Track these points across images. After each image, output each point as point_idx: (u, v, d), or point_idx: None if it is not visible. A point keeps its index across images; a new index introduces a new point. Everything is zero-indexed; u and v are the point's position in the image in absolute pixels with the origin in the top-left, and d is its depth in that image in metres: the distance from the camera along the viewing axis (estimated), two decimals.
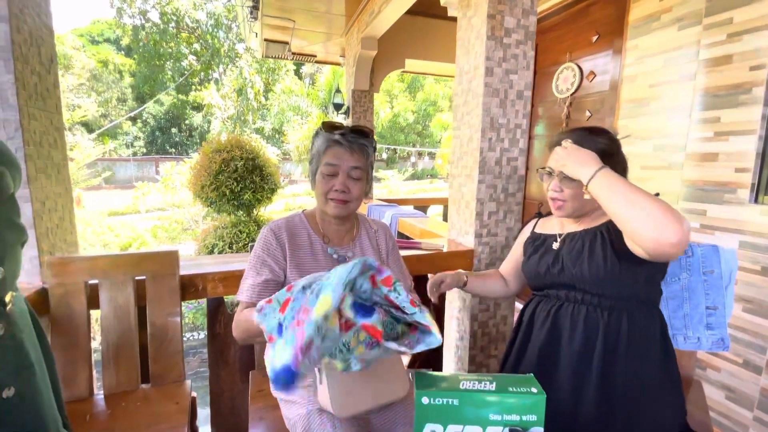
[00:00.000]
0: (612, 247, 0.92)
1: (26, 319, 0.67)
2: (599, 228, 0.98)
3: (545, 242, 1.10)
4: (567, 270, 0.98)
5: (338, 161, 0.98)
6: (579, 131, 1.02)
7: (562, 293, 1.01)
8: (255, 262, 1.01)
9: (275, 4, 3.44)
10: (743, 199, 1.69)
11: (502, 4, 1.52)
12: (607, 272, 0.91)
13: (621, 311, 0.92)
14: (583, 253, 0.96)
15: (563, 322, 0.97)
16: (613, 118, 2.26)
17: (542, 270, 1.04)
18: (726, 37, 1.73)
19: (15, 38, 1.12)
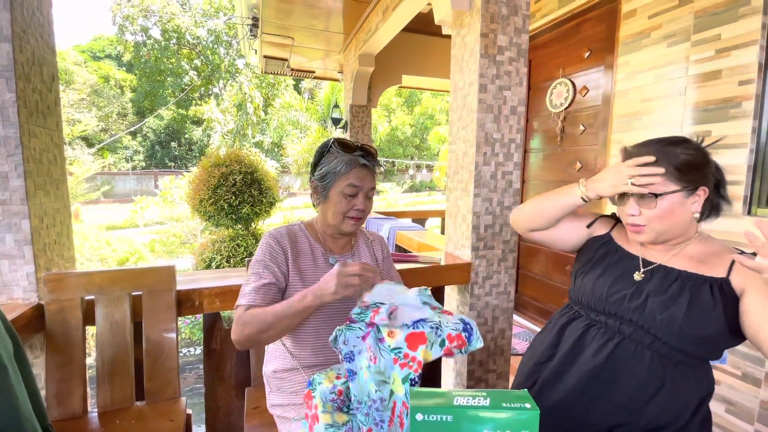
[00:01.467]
0: (724, 314, 0.79)
1: None
2: (709, 280, 0.82)
3: (622, 261, 0.93)
4: (650, 312, 0.82)
5: (361, 183, 1.00)
6: (652, 143, 0.87)
7: (626, 329, 0.86)
8: (257, 267, 1.00)
9: (274, 22, 3.51)
10: (737, 211, 1.71)
11: (494, 23, 1.56)
12: (703, 337, 0.79)
13: (688, 366, 0.83)
14: (680, 302, 0.81)
15: (623, 361, 0.84)
16: (606, 132, 2.30)
17: (613, 297, 0.88)
18: (714, 52, 1.77)
19: (17, 58, 1.15)
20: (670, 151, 0.83)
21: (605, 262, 0.95)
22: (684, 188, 0.82)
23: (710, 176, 0.85)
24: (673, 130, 1.93)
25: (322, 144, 1.04)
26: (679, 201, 0.83)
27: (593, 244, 1.02)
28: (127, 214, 10.11)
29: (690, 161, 0.82)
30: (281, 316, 0.88)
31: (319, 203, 1.05)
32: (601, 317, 0.91)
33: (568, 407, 0.88)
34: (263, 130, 19.22)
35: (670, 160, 0.82)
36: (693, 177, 0.82)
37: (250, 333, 0.90)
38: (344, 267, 0.84)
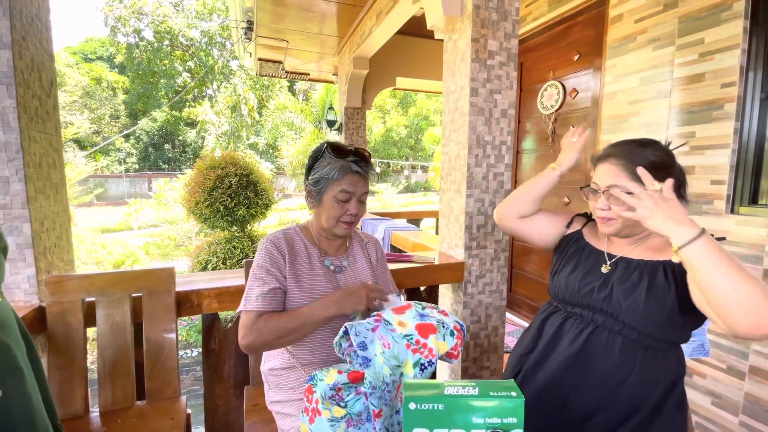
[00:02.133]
0: (676, 293, 0.84)
1: (12, 325, 0.69)
2: (663, 264, 0.89)
3: (590, 257, 1.01)
4: (616, 301, 0.90)
5: (354, 189, 1.02)
6: (624, 144, 0.94)
7: (598, 318, 0.93)
8: (259, 272, 1.01)
9: (269, 25, 3.54)
10: (720, 209, 1.76)
11: (485, 28, 1.60)
12: (664, 318, 0.85)
13: (658, 350, 0.88)
14: (640, 288, 0.88)
15: (596, 348, 0.91)
16: (596, 133, 2.35)
17: (584, 290, 0.96)
18: (698, 56, 1.83)
19: (17, 64, 1.17)
20: (640, 152, 0.90)
21: (576, 259, 1.03)
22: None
23: (673, 177, 0.89)
24: (659, 131, 1.99)
25: (316, 148, 1.06)
26: None
27: (566, 241, 1.10)
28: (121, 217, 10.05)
29: (657, 162, 0.88)
30: (301, 325, 0.93)
31: (312, 207, 1.08)
32: (577, 309, 0.98)
33: (548, 395, 0.94)
34: (258, 131, 19.18)
35: (639, 160, 0.88)
36: (659, 177, 0.87)
37: (267, 339, 0.93)
38: (368, 285, 0.92)
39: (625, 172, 0.90)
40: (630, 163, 0.89)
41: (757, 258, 1.64)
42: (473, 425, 0.61)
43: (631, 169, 0.88)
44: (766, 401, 1.61)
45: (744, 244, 1.68)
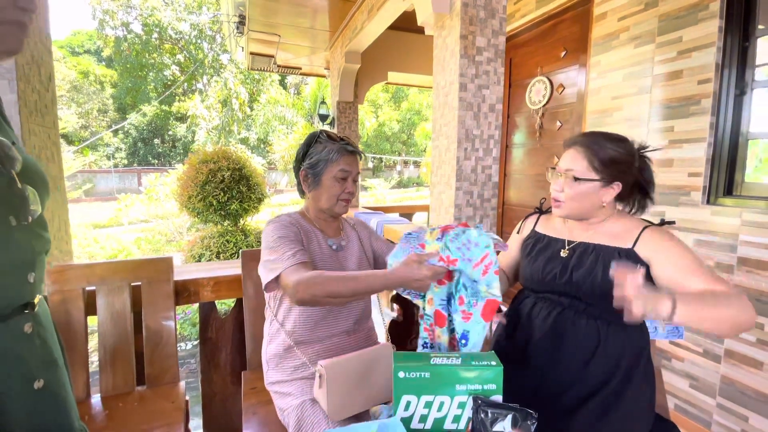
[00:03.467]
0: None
1: (49, 319, 0.74)
2: (617, 250, 0.96)
3: (550, 246, 1.08)
4: (576, 283, 0.97)
5: (350, 168, 1.11)
6: (592, 134, 1.01)
7: (564, 300, 1.01)
8: (281, 241, 1.02)
9: (261, 20, 3.54)
10: (696, 201, 1.85)
11: (473, 25, 1.66)
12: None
13: (620, 326, 0.95)
14: (596, 270, 0.95)
15: (564, 328, 0.98)
16: (581, 127, 2.43)
17: (547, 277, 1.03)
18: (676, 54, 1.91)
19: (18, 60, 1.20)
20: (602, 144, 0.97)
21: (536, 249, 1.11)
22: (601, 179, 0.97)
23: (628, 175, 0.97)
24: (641, 125, 2.07)
25: (310, 135, 1.13)
26: (593, 189, 0.97)
27: (524, 242, 1.18)
28: (111, 213, 9.96)
29: (614, 157, 0.95)
30: (359, 290, 0.92)
31: (310, 190, 1.14)
32: (544, 294, 1.06)
33: (525, 376, 1.00)
34: (249, 126, 19.04)
35: (598, 152, 0.96)
36: (612, 172, 0.96)
37: (317, 293, 0.91)
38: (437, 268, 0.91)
39: (584, 159, 0.97)
40: (589, 151, 0.97)
41: (732, 247, 1.73)
42: (456, 392, 0.67)
43: (590, 157, 0.96)
44: (741, 383, 1.71)
45: (719, 233, 1.77)
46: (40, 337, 0.67)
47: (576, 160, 0.98)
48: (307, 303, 0.94)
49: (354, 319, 1.15)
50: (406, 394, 0.67)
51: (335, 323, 1.12)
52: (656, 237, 0.94)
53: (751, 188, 1.77)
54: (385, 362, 0.98)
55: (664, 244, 0.92)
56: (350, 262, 1.17)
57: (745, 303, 0.79)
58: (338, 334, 1.11)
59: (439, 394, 0.67)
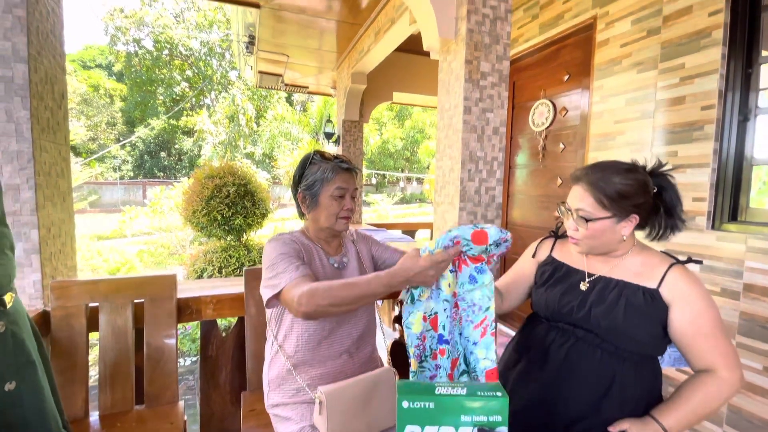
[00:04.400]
0: (655, 316, 0.91)
1: (25, 321, 0.73)
2: (642, 289, 0.93)
3: (569, 276, 1.04)
4: (595, 319, 0.94)
5: (347, 185, 1.12)
6: (598, 169, 0.96)
7: (578, 332, 0.98)
8: (284, 257, 1.02)
9: (270, 40, 3.63)
10: (701, 226, 1.84)
11: (478, 51, 1.69)
12: (642, 337, 0.90)
13: (634, 363, 0.93)
14: (618, 308, 0.92)
15: (578, 360, 0.95)
16: (584, 150, 2.44)
17: (564, 309, 1.00)
18: (679, 80, 1.93)
19: (32, 77, 1.23)
20: (609, 178, 0.92)
21: (554, 279, 1.07)
22: (614, 215, 0.93)
23: (644, 205, 0.94)
24: (644, 149, 2.08)
25: (304, 157, 1.15)
26: (609, 226, 0.94)
27: (540, 269, 1.14)
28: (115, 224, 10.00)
29: (623, 191, 0.91)
30: (360, 296, 0.90)
31: (309, 211, 1.14)
32: (559, 324, 1.03)
33: (535, 405, 0.98)
34: (255, 141, 19.28)
35: (605, 188, 0.92)
36: (623, 206, 0.92)
37: (321, 304, 0.89)
38: (435, 257, 0.91)
39: (591, 197, 0.94)
40: (596, 188, 0.93)
41: (737, 273, 1.71)
42: (461, 423, 0.66)
43: (597, 195, 0.93)
44: (748, 411, 1.66)
45: (724, 259, 1.76)
46: (14, 338, 0.66)
47: (584, 199, 0.95)
48: (312, 315, 0.91)
49: (356, 339, 1.14)
50: (410, 424, 0.66)
51: (337, 343, 1.10)
52: (683, 282, 0.91)
53: (756, 214, 1.76)
54: (387, 388, 0.96)
55: (689, 292, 0.89)
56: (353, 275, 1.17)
57: (733, 384, 0.84)
58: (339, 356, 1.09)
59: (444, 425, 0.66)
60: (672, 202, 0.97)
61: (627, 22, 2.17)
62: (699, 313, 0.88)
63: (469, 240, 0.90)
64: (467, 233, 0.90)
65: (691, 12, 1.90)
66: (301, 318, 0.93)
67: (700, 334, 0.88)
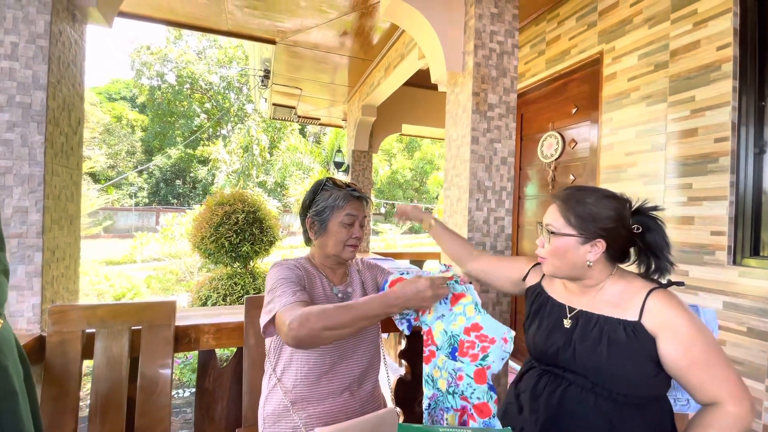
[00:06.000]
0: (641, 351, 0.83)
1: (12, 349, 0.69)
2: (622, 322, 0.87)
3: (552, 311, 1.00)
4: (580, 359, 0.89)
5: (357, 213, 1.11)
6: (574, 189, 0.95)
7: (569, 375, 0.91)
8: (285, 282, 0.99)
9: (284, 74, 3.77)
10: (722, 260, 1.77)
11: (485, 83, 1.71)
12: (631, 376, 0.83)
13: (633, 406, 0.85)
14: (600, 347, 0.86)
15: (573, 407, 0.88)
16: (595, 181, 2.41)
17: (550, 349, 0.95)
18: (690, 112, 1.92)
19: (50, 104, 1.27)
20: (581, 199, 0.91)
21: (540, 314, 1.03)
22: (578, 235, 0.90)
23: (612, 232, 0.89)
24: (656, 182, 2.04)
25: (316, 183, 1.14)
26: (572, 245, 0.91)
27: (529, 295, 1.11)
28: (126, 250, 10.12)
29: (591, 213, 0.89)
30: (355, 318, 0.86)
31: (317, 237, 1.12)
32: (549, 367, 0.97)
33: None
34: (267, 170, 19.71)
35: (574, 206, 0.90)
36: (590, 227, 0.89)
37: (314, 327, 0.84)
38: (433, 279, 0.89)
39: (559, 214, 0.93)
40: (565, 206, 0.92)
41: (764, 311, 1.61)
42: None
43: (565, 212, 0.92)
44: None
45: (749, 297, 1.66)
46: None
47: (554, 215, 0.94)
48: (304, 341, 0.85)
49: (359, 375, 1.07)
50: None
51: (338, 379, 1.04)
52: (665, 309, 0.84)
53: None
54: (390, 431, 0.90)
55: (674, 320, 0.82)
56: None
57: (743, 417, 0.76)
58: (341, 393, 1.03)
59: None
60: (657, 244, 0.91)
61: (634, 56, 2.20)
62: (690, 342, 0.80)
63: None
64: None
65: (699, 46, 1.91)
66: (291, 345, 0.87)
67: (696, 365, 0.79)
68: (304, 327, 0.84)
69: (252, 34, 2.97)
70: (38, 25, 1.23)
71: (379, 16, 2.58)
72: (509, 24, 1.79)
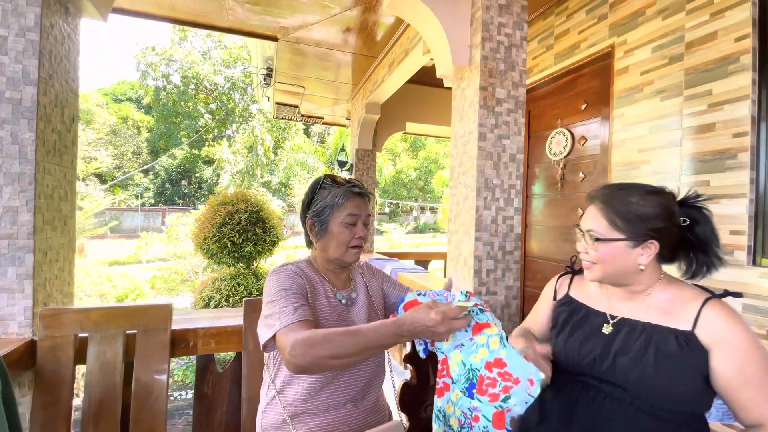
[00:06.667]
0: (693, 365, 0.77)
1: None
2: (674, 332, 0.80)
3: (588, 319, 0.93)
4: (621, 372, 0.81)
5: (359, 211, 1.03)
6: (614, 188, 0.88)
7: (606, 387, 0.84)
8: (284, 293, 0.93)
9: (287, 72, 3.73)
10: (741, 261, 1.69)
11: (492, 77, 1.65)
12: (679, 391, 0.77)
13: (675, 423, 0.79)
14: (647, 358, 0.79)
15: (608, 424, 0.81)
16: (606, 179, 2.33)
17: (585, 359, 0.87)
18: (707, 107, 1.84)
19: (41, 100, 1.22)
20: (625, 199, 0.84)
21: (572, 323, 0.96)
22: (628, 239, 0.83)
23: (664, 231, 0.82)
24: (671, 179, 1.96)
25: (314, 182, 1.07)
26: (622, 250, 0.84)
27: (557, 308, 1.04)
28: (132, 250, 10.16)
29: (639, 213, 0.82)
30: (363, 348, 0.80)
31: (318, 239, 1.05)
32: (581, 377, 0.89)
33: None
34: (272, 170, 19.73)
35: (619, 208, 0.83)
36: (639, 229, 0.82)
37: (318, 356, 0.79)
38: (447, 311, 0.81)
39: (603, 218, 0.85)
40: (609, 208, 0.84)
41: None
42: None
43: (609, 214, 0.84)
44: None
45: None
46: None
47: (596, 219, 0.86)
48: (307, 369, 0.81)
49: (362, 387, 1.01)
50: None
51: (341, 391, 0.98)
52: (723, 321, 0.77)
53: None
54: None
55: (732, 333, 0.76)
56: (362, 317, 1.06)
57: None
58: (343, 406, 0.97)
59: None
60: (706, 238, 0.85)
61: (647, 49, 2.12)
62: (746, 358, 0.74)
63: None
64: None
65: (716, 38, 1.83)
66: (293, 372, 0.83)
67: (750, 384, 0.74)
68: (307, 355, 0.79)
69: (253, 31, 2.92)
70: (28, 17, 1.19)
71: (382, 11, 2.52)
72: (518, 15, 1.72)
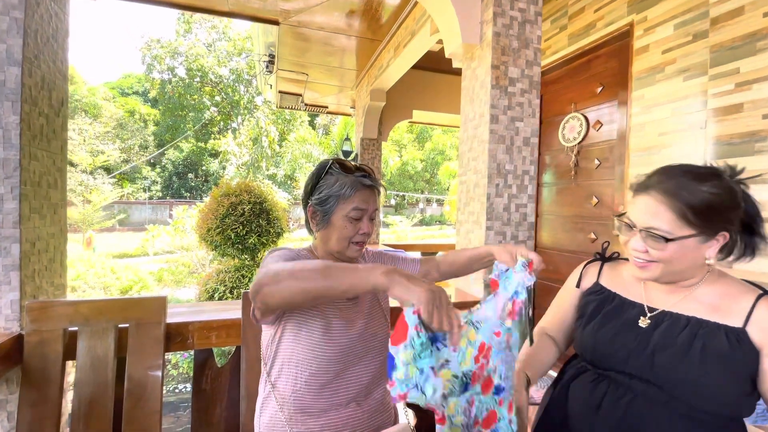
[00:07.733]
0: (743, 365, 0.70)
1: None
2: (724, 328, 0.72)
3: (622, 310, 0.84)
4: (661, 370, 0.73)
5: (366, 205, 0.93)
6: (674, 174, 0.75)
7: (637, 385, 0.76)
8: (277, 258, 0.87)
9: (289, 58, 3.63)
10: None
11: (505, 55, 1.54)
12: (726, 394, 0.70)
13: (714, 427, 0.72)
14: (691, 355, 0.71)
15: (639, 425, 0.74)
16: (623, 166, 2.22)
17: (618, 353, 0.79)
18: (734, 86, 1.72)
19: (26, 81, 1.15)
20: (694, 187, 0.71)
21: (603, 312, 0.86)
22: (701, 233, 0.72)
23: (735, 220, 0.73)
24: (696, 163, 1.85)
25: (319, 165, 0.96)
26: (693, 246, 0.73)
27: (585, 298, 0.94)
28: (139, 243, 10.21)
29: (713, 203, 0.71)
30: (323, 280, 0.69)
31: (318, 229, 0.97)
32: (610, 372, 0.81)
33: None
34: (277, 163, 19.69)
35: (689, 199, 0.71)
36: (713, 221, 0.71)
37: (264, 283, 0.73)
38: (440, 296, 0.65)
39: (670, 210, 0.72)
40: (677, 199, 0.71)
41: None
42: None
43: (680, 207, 0.71)
44: None
45: None
46: None
47: (659, 214, 0.73)
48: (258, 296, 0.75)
49: (367, 384, 0.93)
50: None
51: (344, 390, 0.90)
52: None
53: None
54: None
55: None
56: (364, 309, 0.98)
57: None
58: (347, 405, 0.89)
59: None
60: (753, 216, 0.76)
61: (669, 26, 1.99)
62: None
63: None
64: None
65: (743, 13, 1.70)
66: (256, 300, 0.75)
67: None
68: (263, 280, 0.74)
69: (254, 15, 2.82)
70: None
71: None
72: None
